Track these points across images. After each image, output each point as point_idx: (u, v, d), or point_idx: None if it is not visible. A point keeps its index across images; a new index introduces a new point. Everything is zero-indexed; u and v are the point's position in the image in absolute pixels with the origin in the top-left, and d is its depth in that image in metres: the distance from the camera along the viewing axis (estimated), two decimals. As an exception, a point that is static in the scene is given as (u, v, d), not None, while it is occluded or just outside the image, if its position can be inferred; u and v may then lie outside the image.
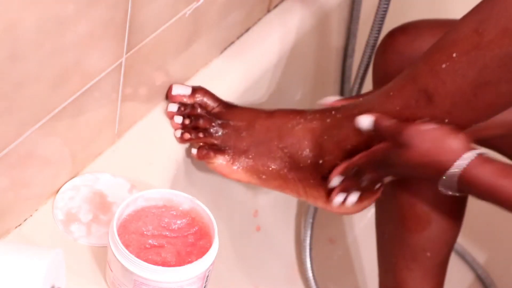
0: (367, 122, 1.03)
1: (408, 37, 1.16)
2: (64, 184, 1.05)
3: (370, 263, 1.46)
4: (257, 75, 1.26)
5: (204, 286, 0.96)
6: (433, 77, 0.97)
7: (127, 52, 1.01)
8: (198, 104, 1.13)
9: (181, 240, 0.96)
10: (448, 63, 0.96)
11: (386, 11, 1.29)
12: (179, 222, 0.97)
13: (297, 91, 1.41)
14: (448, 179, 0.97)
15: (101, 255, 0.99)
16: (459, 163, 0.96)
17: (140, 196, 0.97)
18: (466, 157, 0.96)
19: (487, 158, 0.96)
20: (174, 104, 1.13)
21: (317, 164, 1.08)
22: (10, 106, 0.87)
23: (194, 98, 1.13)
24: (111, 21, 0.95)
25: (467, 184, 0.96)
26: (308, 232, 1.42)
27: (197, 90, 1.14)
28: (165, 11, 1.04)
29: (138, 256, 0.92)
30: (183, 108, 1.13)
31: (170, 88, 1.14)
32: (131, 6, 0.96)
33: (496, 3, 0.93)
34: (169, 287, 0.92)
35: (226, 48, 1.25)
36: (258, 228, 1.40)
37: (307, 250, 1.42)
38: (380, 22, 1.29)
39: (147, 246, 0.95)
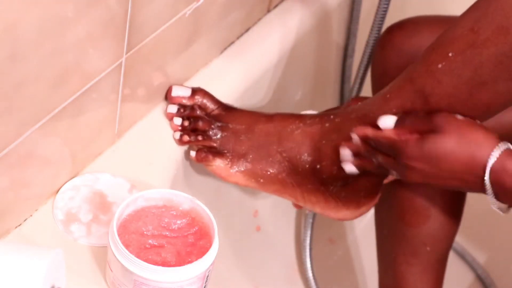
0: (390, 120, 0.99)
1: (406, 33, 1.16)
2: (64, 184, 1.05)
3: (370, 263, 1.46)
4: (257, 75, 1.26)
5: (204, 286, 0.96)
6: (429, 77, 0.97)
7: (127, 52, 1.01)
8: (198, 106, 1.12)
9: (181, 240, 0.96)
10: (444, 62, 0.95)
11: (386, 11, 1.29)
12: (179, 222, 0.97)
13: (297, 91, 1.41)
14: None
15: (101, 255, 0.99)
16: (495, 153, 0.92)
17: (140, 196, 0.97)
18: (500, 146, 0.92)
19: None
20: (173, 106, 1.13)
21: (315, 169, 1.08)
22: (10, 106, 0.87)
23: (194, 99, 1.13)
24: (111, 21, 0.95)
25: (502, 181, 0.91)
26: (308, 232, 1.42)
27: (196, 92, 1.14)
28: (165, 11, 1.04)
29: (138, 256, 0.92)
30: (182, 110, 1.12)
31: (170, 89, 1.14)
32: (131, 6, 0.96)
33: (491, 2, 0.92)
34: (169, 287, 0.92)
35: (226, 48, 1.25)
36: (258, 228, 1.40)
37: (307, 250, 1.42)
38: (380, 22, 1.29)
39: (147, 246, 0.95)
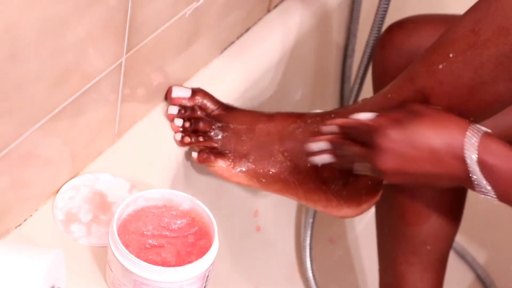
0: (368, 115, 0.98)
1: (406, 32, 1.16)
2: (64, 184, 1.05)
3: (370, 263, 1.46)
4: (257, 75, 1.26)
5: (204, 286, 0.96)
6: (430, 77, 0.97)
7: (127, 52, 1.01)
8: (198, 106, 1.12)
9: (181, 240, 0.96)
10: (445, 63, 0.95)
11: (386, 11, 1.29)
12: (179, 222, 0.97)
13: (297, 91, 1.41)
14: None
15: (101, 255, 0.99)
16: (470, 131, 0.91)
17: (140, 196, 0.97)
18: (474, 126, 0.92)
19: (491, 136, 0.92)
20: (174, 107, 1.13)
21: (316, 168, 1.08)
22: (10, 106, 0.87)
23: (194, 100, 1.13)
24: (111, 21, 0.95)
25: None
26: (308, 232, 1.42)
27: (196, 92, 1.14)
28: (165, 11, 1.04)
29: (138, 256, 0.92)
30: (183, 111, 1.12)
31: (170, 91, 1.14)
32: (131, 6, 0.96)
33: (492, 2, 0.92)
34: (169, 287, 0.92)
35: (226, 48, 1.25)
36: (258, 228, 1.40)
37: (307, 250, 1.42)
38: (380, 22, 1.29)
39: (147, 246, 0.94)
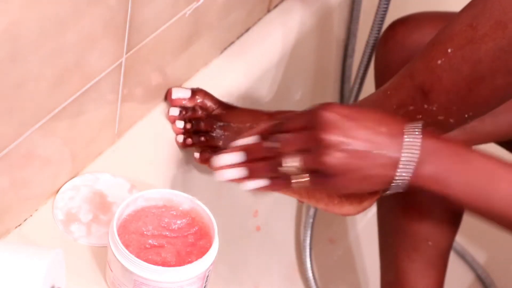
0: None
1: (408, 28, 1.16)
2: (64, 184, 1.05)
3: (370, 263, 1.46)
4: (257, 75, 1.26)
5: (204, 286, 0.96)
6: (429, 73, 0.97)
7: (127, 52, 1.01)
8: (199, 106, 1.12)
9: (181, 240, 0.96)
10: (444, 58, 0.95)
11: (386, 11, 1.29)
12: (179, 222, 0.97)
13: (297, 91, 1.41)
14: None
15: (101, 255, 0.99)
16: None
17: (140, 196, 0.97)
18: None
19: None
20: (175, 108, 1.13)
21: None
22: (10, 106, 0.87)
23: (195, 100, 1.13)
24: (111, 21, 0.95)
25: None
26: (308, 232, 1.42)
27: (196, 92, 1.13)
28: (165, 11, 1.04)
29: (138, 256, 0.92)
30: (184, 112, 1.12)
31: (170, 92, 1.14)
32: (131, 6, 0.96)
33: None
34: (169, 287, 0.92)
35: (226, 48, 1.25)
36: (258, 228, 1.40)
37: (307, 250, 1.42)
38: (380, 22, 1.30)
39: (147, 246, 0.94)
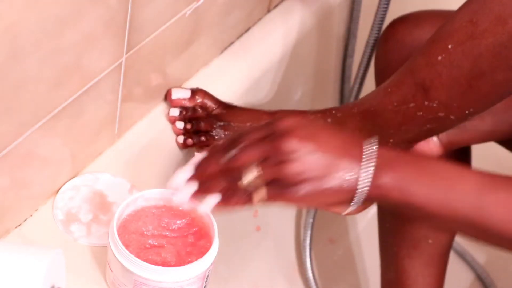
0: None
1: (408, 26, 1.16)
2: (64, 184, 1.05)
3: (370, 263, 1.46)
4: (257, 75, 1.26)
5: (204, 286, 0.96)
6: (429, 70, 0.97)
7: (127, 52, 1.01)
8: (199, 106, 1.12)
9: (181, 240, 0.96)
10: (444, 54, 0.95)
11: (386, 11, 1.29)
12: (179, 222, 0.97)
13: (297, 91, 1.41)
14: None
15: (101, 255, 0.99)
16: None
17: (140, 196, 0.97)
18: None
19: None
20: (175, 109, 1.13)
21: None
22: (10, 106, 0.87)
23: (195, 100, 1.13)
24: (111, 21, 0.95)
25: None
26: (308, 232, 1.42)
27: (196, 92, 1.13)
28: (165, 11, 1.04)
29: (138, 256, 0.92)
30: (184, 112, 1.12)
31: (169, 93, 1.14)
32: (131, 6, 0.96)
33: None
34: (169, 287, 0.92)
35: (226, 48, 1.25)
36: (258, 228, 1.40)
37: (307, 250, 1.42)
38: (380, 22, 1.30)
39: (147, 246, 0.94)
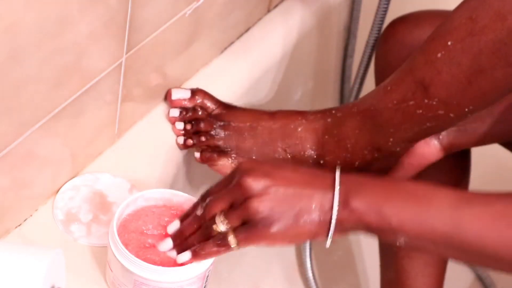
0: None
1: (408, 26, 1.16)
2: (64, 184, 1.05)
3: (370, 263, 1.46)
4: (257, 75, 1.26)
5: (204, 286, 0.96)
6: (429, 67, 0.96)
7: (127, 52, 1.01)
8: (199, 107, 1.12)
9: (181, 240, 0.96)
10: (444, 52, 0.95)
11: (386, 11, 1.29)
12: (179, 222, 0.97)
13: (297, 91, 1.41)
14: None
15: (101, 255, 0.99)
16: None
17: (140, 196, 0.97)
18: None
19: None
20: (175, 109, 1.13)
21: (318, 165, 1.08)
22: (10, 106, 0.87)
23: (195, 100, 1.13)
24: (111, 21, 0.95)
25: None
26: (308, 232, 1.42)
27: (196, 92, 1.13)
28: (165, 11, 1.04)
29: (138, 255, 0.92)
30: (184, 112, 1.12)
31: (169, 93, 1.14)
32: (131, 6, 0.96)
33: None
34: (169, 287, 0.92)
35: (226, 48, 1.25)
36: (258, 228, 1.39)
37: (307, 250, 1.42)
38: (380, 22, 1.30)
39: (146, 245, 0.94)
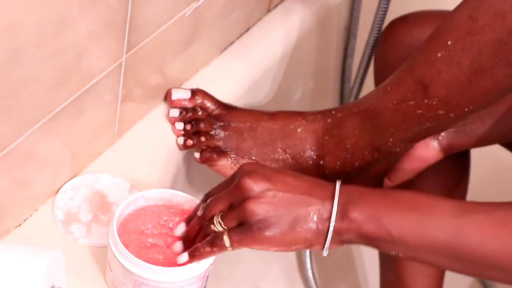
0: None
1: (408, 26, 1.16)
2: (64, 184, 1.05)
3: (370, 263, 1.46)
4: (257, 75, 1.26)
5: (204, 286, 0.96)
6: (429, 67, 0.96)
7: (127, 52, 1.01)
8: (199, 107, 1.12)
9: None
10: (444, 51, 0.95)
11: (386, 11, 1.29)
12: (178, 220, 0.97)
13: (297, 91, 1.41)
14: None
15: (101, 255, 0.99)
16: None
17: (140, 196, 0.97)
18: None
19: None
20: (175, 109, 1.13)
21: (318, 165, 1.08)
22: (10, 106, 0.87)
23: (195, 101, 1.13)
24: (111, 21, 0.95)
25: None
26: (308, 232, 1.42)
27: (196, 93, 1.13)
28: (165, 11, 1.04)
29: (138, 255, 0.92)
30: (184, 113, 1.12)
31: (169, 93, 1.14)
32: (131, 6, 0.96)
33: None
34: (169, 287, 0.92)
35: (226, 48, 1.25)
36: (258, 228, 1.39)
37: (307, 250, 1.42)
38: (380, 22, 1.30)
39: (147, 245, 0.94)
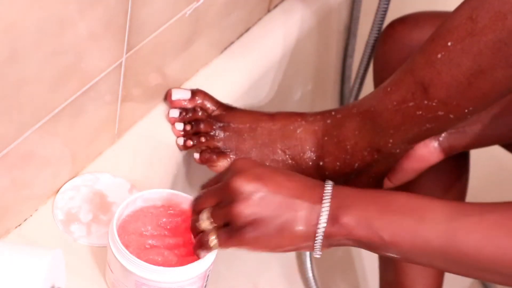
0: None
1: (407, 27, 1.16)
2: (64, 184, 1.05)
3: (370, 263, 1.46)
4: (257, 75, 1.26)
5: (204, 286, 0.96)
6: (429, 68, 0.96)
7: (127, 52, 1.01)
8: (199, 107, 1.12)
9: (181, 240, 0.96)
10: (444, 52, 0.95)
11: (386, 11, 1.29)
12: (178, 221, 0.97)
13: (297, 91, 1.41)
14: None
15: (101, 255, 0.99)
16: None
17: (139, 197, 0.97)
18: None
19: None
20: (175, 110, 1.13)
21: (318, 166, 1.08)
22: (10, 106, 0.87)
23: (195, 101, 1.13)
24: (111, 21, 0.95)
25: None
26: (308, 232, 1.42)
27: (196, 93, 1.13)
28: (165, 11, 1.04)
29: (139, 257, 0.92)
30: (184, 113, 1.12)
31: (169, 93, 1.14)
32: (131, 6, 0.96)
33: None
34: (169, 287, 0.92)
35: (226, 48, 1.25)
36: (258, 228, 1.39)
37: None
38: (380, 22, 1.30)
39: (146, 246, 0.94)
